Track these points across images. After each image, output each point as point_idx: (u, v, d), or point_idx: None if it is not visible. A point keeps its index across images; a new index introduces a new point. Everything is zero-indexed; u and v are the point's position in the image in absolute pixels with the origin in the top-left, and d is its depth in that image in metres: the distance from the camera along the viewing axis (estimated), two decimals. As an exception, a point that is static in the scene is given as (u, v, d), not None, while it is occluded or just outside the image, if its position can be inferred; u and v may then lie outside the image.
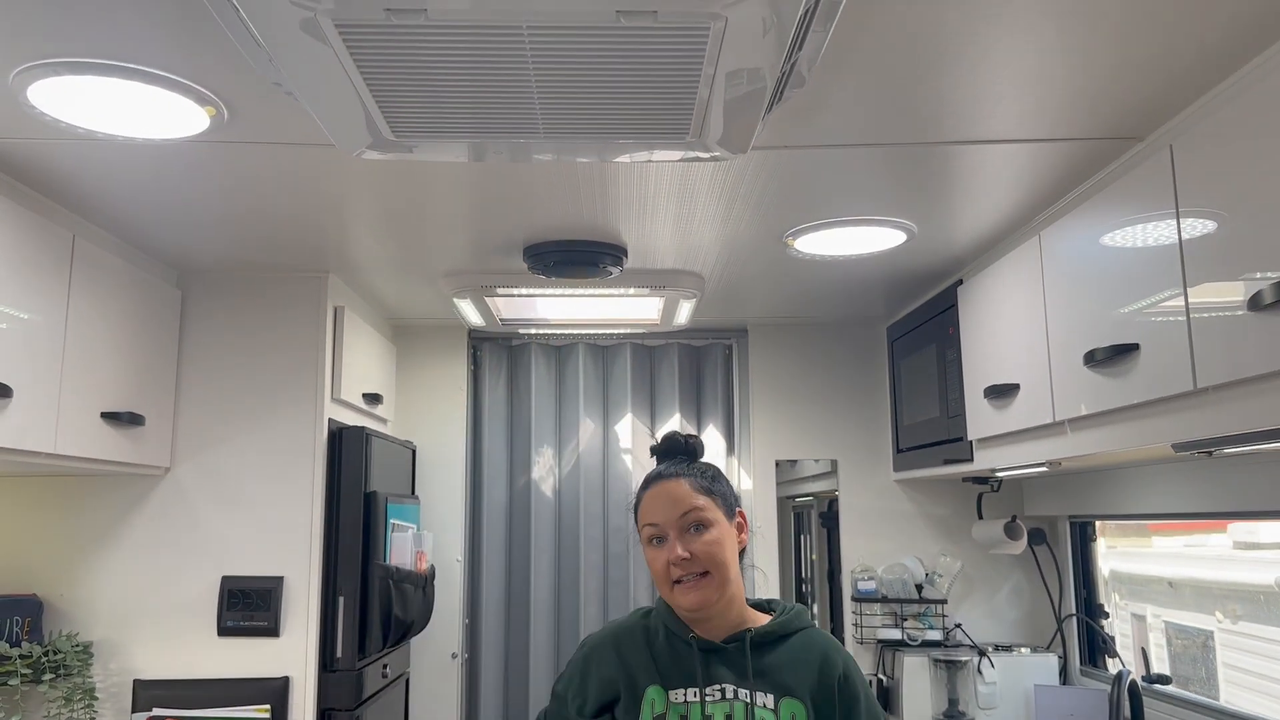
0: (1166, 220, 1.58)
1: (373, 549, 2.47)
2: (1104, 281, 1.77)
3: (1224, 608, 2.53)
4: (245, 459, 2.41)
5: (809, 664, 1.57)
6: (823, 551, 3.13)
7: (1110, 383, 1.75)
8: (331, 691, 2.37)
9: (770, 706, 1.55)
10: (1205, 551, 2.62)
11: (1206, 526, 2.62)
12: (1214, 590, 2.57)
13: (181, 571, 2.37)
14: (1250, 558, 2.49)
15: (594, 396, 3.29)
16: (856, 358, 3.21)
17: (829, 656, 1.58)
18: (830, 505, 3.17)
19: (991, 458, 2.35)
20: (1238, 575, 2.54)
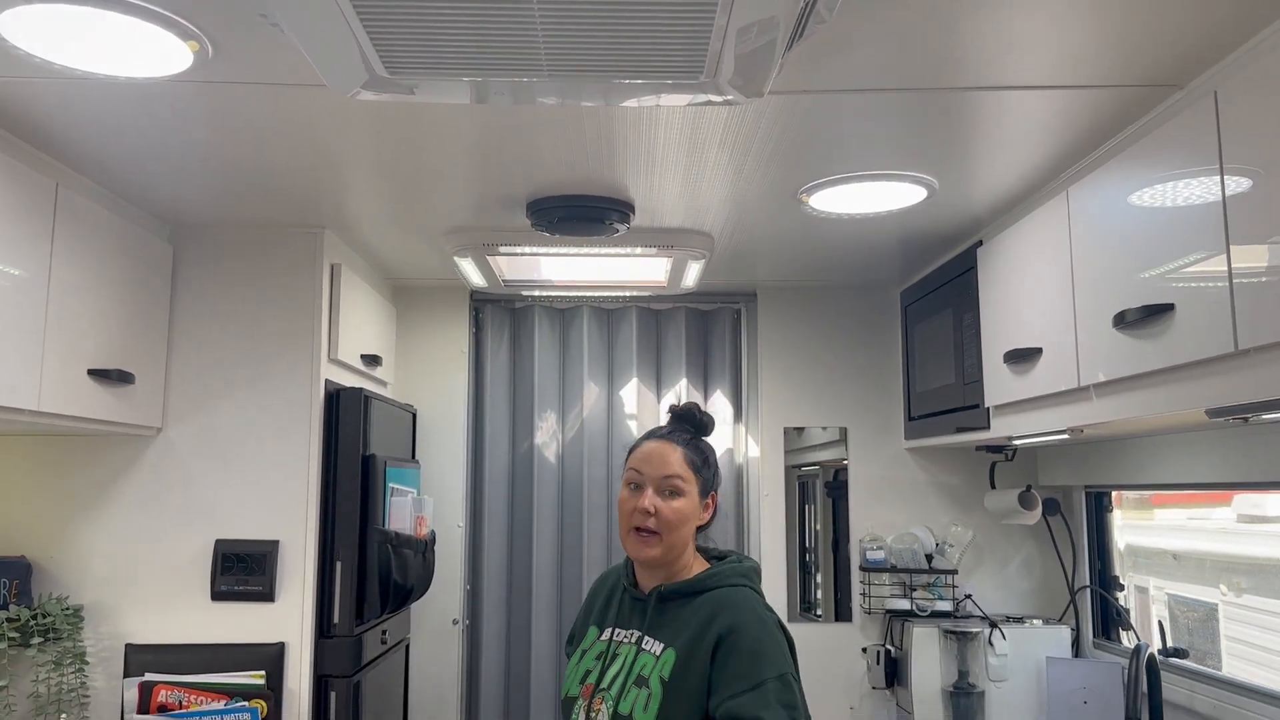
0: (1209, 174, 1.49)
1: (371, 513, 2.41)
2: (1137, 240, 1.69)
3: (1228, 581, 2.48)
4: (240, 420, 2.34)
5: (700, 619, 1.73)
6: (827, 522, 3.06)
7: (1141, 345, 1.67)
8: (328, 657, 2.31)
9: (655, 653, 1.74)
10: (1209, 524, 2.57)
11: (1210, 499, 2.58)
12: (1218, 563, 2.52)
13: (174, 535, 2.30)
14: (1256, 531, 2.44)
15: (599, 361, 3.21)
16: (869, 323, 3.13)
17: (718, 616, 1.73)
18: (836, 475, 3.10)
19: (1009, 425, 2.28)
20: (1243, 548, 2.49)
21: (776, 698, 1.68)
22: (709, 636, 1.73)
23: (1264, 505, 2.44)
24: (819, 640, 2.97)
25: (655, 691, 1.73)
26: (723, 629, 1.73)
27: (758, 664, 1.69)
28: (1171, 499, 2.75)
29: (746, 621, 1.74)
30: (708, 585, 1.83)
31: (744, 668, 1.69)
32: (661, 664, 1.75)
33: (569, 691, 1.90)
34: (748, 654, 1.70)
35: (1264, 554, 2.46)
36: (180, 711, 2.18)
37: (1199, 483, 2.27)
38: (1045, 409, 2.08)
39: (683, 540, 1.82)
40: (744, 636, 1.71)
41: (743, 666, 1.69)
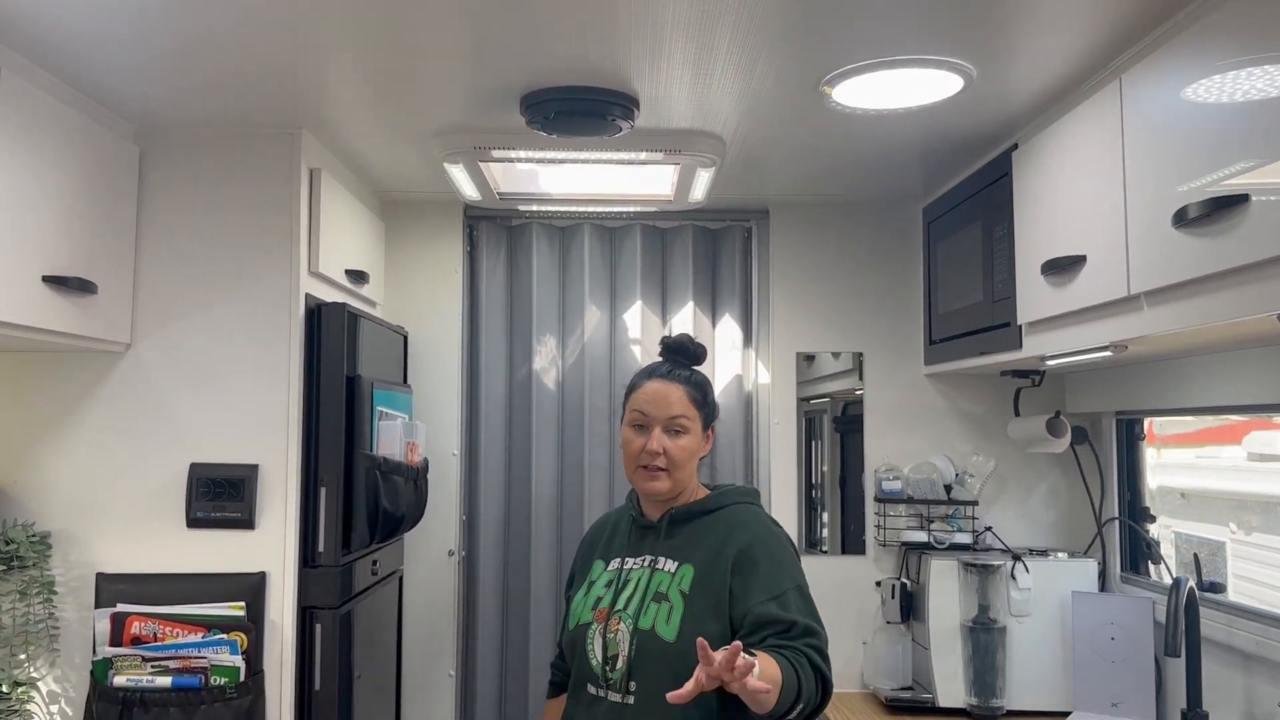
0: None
1: (357, 437, 2.26)
2: (1203, 130, 1.50)
3: (1238, 519, 2.35)
4: (214, 336, 2.18)
5: (716, 535, 1.81)
6: (835, 459, 2.91)
7: (1205, 245, 1.49)
8: (313, 588, 2.18)
9: (671, 571, 1.80)
10: (1219, 463, 2.44)
11: (1219, 438, 2.45)
12: (1228, 501, 2.39)
13: (146, 458, 2.16)
14: (1267, 469, 2.32)
15: (601, 282, 3.03)
16: (887, 242, 2.94)
17: (734, 531, 1.81)
18: (845, 409, 2.94)
19: (1042, 344, 2.11)
20: (1254, 486, 2.37)
21: (798, 605, 1.74)
22: (728, 550, 1.78)
23: (1275, 443, 2.33)
24: (831, 573, 2.84)
25: (676, 604, 1.77)
26: (741, 543, 1.79)
27: (777, 575, 1.75)
28: (1179, 438, 2.63)
29: (762, 536, 1.82)
30: (718, 504, 1.90)
31: (765, 579, 1.74)
32: (679, 578, 1.80)
33: (579, 620, 1.87)
34: (766, 566, 1.76)
35: (1275, 491, 2.35)
36: (155, 644, 2.05)
37: (1246, 404, 2.10)
38: (1086, 323, 1.91)
39: (689, 473, 1.89)
40: (761, 549, 1.78)
41: (763, 577, 1.74)
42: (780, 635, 1.69)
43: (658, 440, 1.83)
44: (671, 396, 1.86)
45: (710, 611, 1.73)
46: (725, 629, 1.73)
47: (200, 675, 2.04)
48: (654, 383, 1.88)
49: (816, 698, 1.67)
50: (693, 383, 1.90)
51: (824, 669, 1.69)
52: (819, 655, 1.69)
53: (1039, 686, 2.52)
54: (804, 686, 1.63)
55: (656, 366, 1.94)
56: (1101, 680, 2.44)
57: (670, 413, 1.84)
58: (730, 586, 1.74)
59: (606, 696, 1.79)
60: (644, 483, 1.86)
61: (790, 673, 1.61)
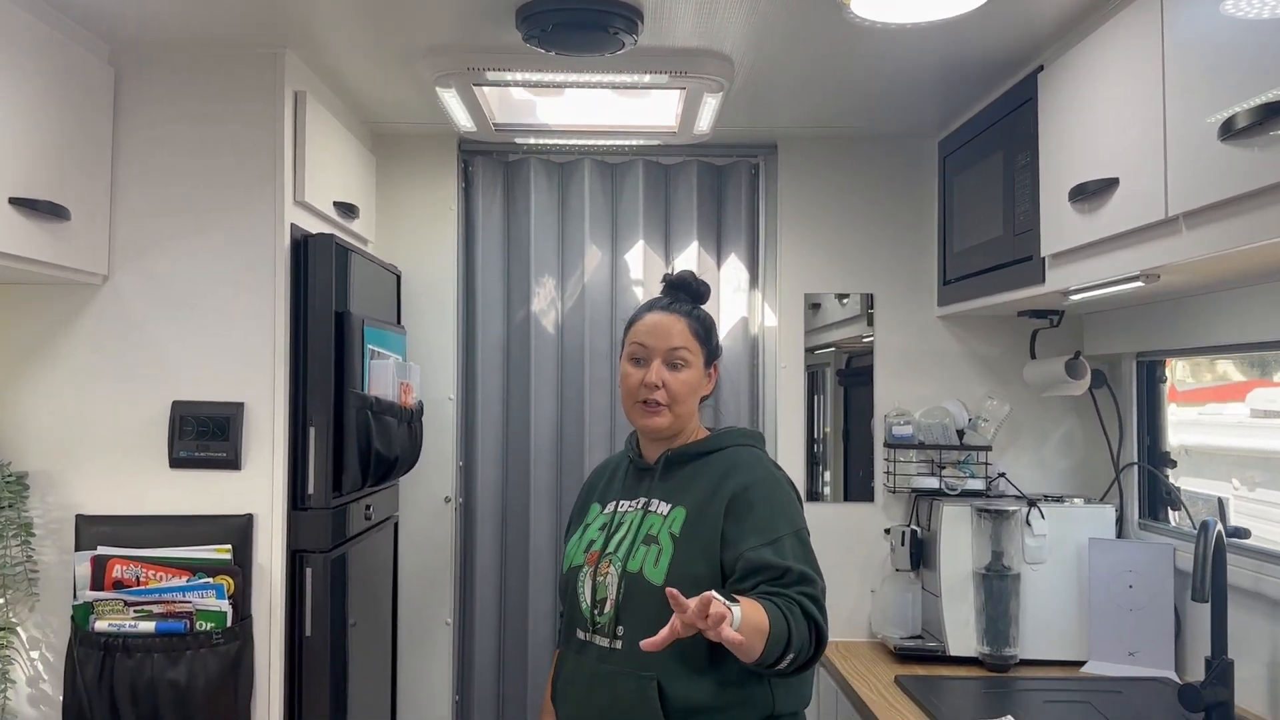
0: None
1: (348, 376, 2.16)
2: (1253, 35, 1.39)
3: (1241, 475, 2.28)
4: (196, 268, 2.07)
5: (711, 477, 1.74)
6: (838, 414, 2.81)
7: (1255, 157, 1.38)
8: (303, 531, 2.09)
9: (663, 513, 1.74)
10: (1222, 419, 2.37)
11: (1222, 397, 2.44)
12: (1231, 457, 2.36)
13: (126, 395, 2.06)
14: (1271, 425, 2.30)
15: (601, 221, 2.92)
16: (901, 179, 2.82)
17: (731, 474, 1.73)
18: (849, 362, 2.84)
19: (1067, 276, 2.00)
20: (1258, 442, 2.31)
21: (794, 554, 1.66)
22: (722, 493, 1.71)
23: (1279, 400, 2.30)
24: (838, 521, 2.76)
25: (665, 547, 1.70)
26: (737, 486, 1.71)
27: (774, 520, 1.68)
28: (1185, 396, 2.57)
29: (760, 479, 1.75)
30: (717, 446, 1.83)
31: (760, 522, 1.68)
32: (670, 521, 1.74)
33: (572, 563, 1.83)
34: (763, 510, 1.69)
35: (1278, 447, 2.31)
36: (138, 588, 1.97)
37: (1275, 340, 2.00)
38: (1116, 251, 1.81)
39: (689, 411, 1.82)
40: (759, 492, 1.71)
41: (759, 521, 1.68)
42: (772, 582, 1.63)
43: (657, 373, 1.77)
44: (672, 328, 1.80)
45: (700, 555, 1.68)
46: (715, 573, 1.67)
47: (185, 620, 1.96)
48: (654, 314, 1.83)
49: (810, 648, 1.62)
50: (694, 316, 1.85)
51: (818, 618, 1.63)
52: (813, 604, 1.63)
53: (1053, 635, 2.45)
54: (795, 636, 1.57)
55: (657, 300, 1.88)
56: (1118, 629, 2.37)
57: (670, 344, 1.78)
58: (722, 530, 1.68)
59: (595, 640, 1.75)
60: (642, 419, 1.81)
61: (780, 621, 1.56)
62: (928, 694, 2.18)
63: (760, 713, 1.71)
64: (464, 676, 2.87)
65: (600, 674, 1.73)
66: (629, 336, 1.84)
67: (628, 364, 1.83)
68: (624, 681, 1.70)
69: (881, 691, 2.26)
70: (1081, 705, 2.10)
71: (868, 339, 2.83)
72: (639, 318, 1.84)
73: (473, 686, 2.85)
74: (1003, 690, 2.26)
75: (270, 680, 2.03)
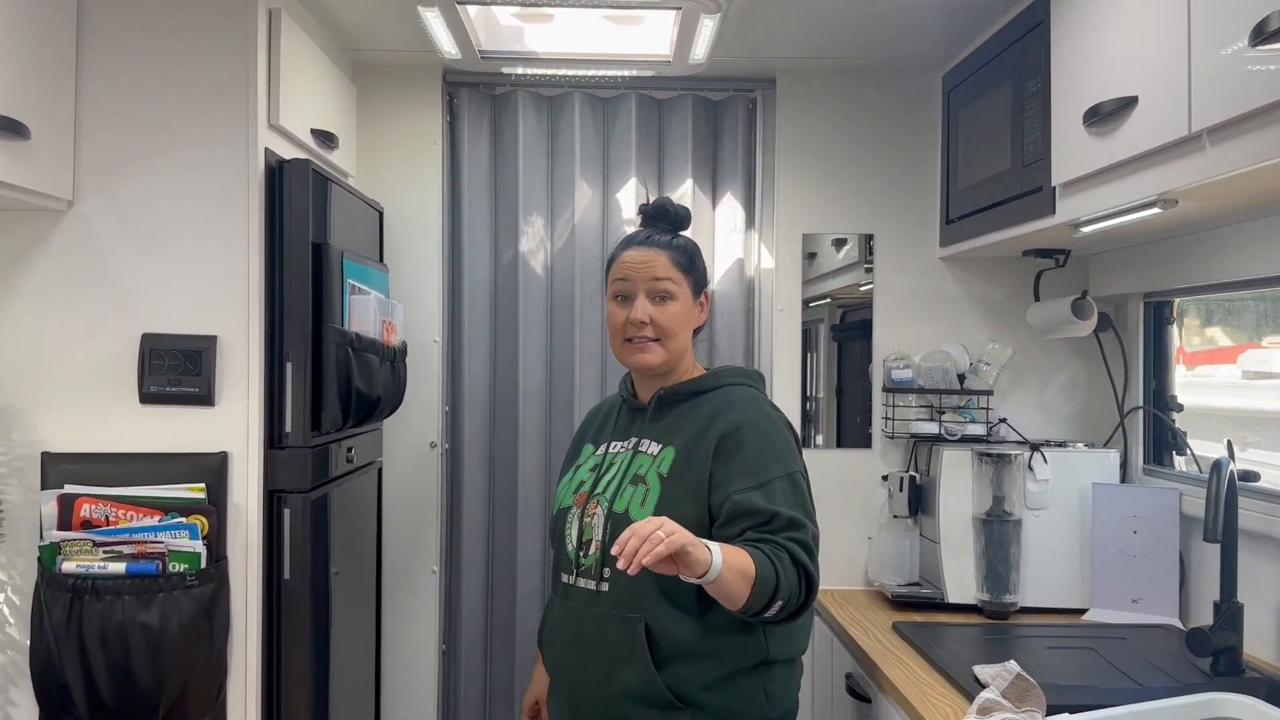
0: None
1: (326, 310, 2.07)
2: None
3: (1233, 435, 2.23)
4: (165, 193, 1.96)
5: (702, 417, 1.69)
6: (831, 373, 2.73)
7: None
8: (280, 471, 2.01)
9: (652, 453, 1.70)
10: (1214, 380, 2.37)
11: (1214, 360, 2.42)
12: (1224, 417, 2.34)
13: (93, 328, 1.96)
14: (1264, 385, 2.28)
15: (592, 157, 2.81)
16: (903, 115, 2.72)
17: (722, 413, 1.68)
18: (843, 317, 2.76)
19: (1079, 205, 1.92)
20: (1250, 402, 2.32)
21: (784, 496, 1.59)
22: (712, 433, 1.66)
23: (1271, 361, 2.27)
24: (835, 467, 2.69)
25: (653, 487, 1.65)
26: (727, 426, 1.66)
27: (764, 462, 1.63)
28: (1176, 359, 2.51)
29: (753, 419, 1.69)
30: (710, 385, 1.77)
31: (750, 464, 1.62)
32: (659, 461, 1.69)
33: (561, 505, 1.77)
34: (753, 451, 1.63)
35: (1273, 407, 2.28)
36: (108, 528, 1.89)
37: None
38: (1133, 175, 1.72)
39: (682, 344, 1.76)
40: (749, 433, 1.65)
41: (748, 463, 1.62)
42: (760, 528, 1.57)
43: (642, 308, 1.72)
44: (653, 260, 1.74)
45: (688, 497, 1.62)
46: (704, 516, 1.62)
47: (157, 561, 1.87)
48: (633, 250, 1.77)
49: (800, 595, 1.56)
50: (676, 245, 1.78)
51: (808, 565, 1.57)
52: (803, 550, 1.57)
53: (1054, 582, 2.39)
54: (783, 583, 1.52)
55: (635, 234, 1.82)
56: (1121, 575, 2.31)
57: (654, 275, 1.72)
58: (711, 471, 1.64)
59: (580, 584, 1.70)
60: (632, 357, 1.75)
61: (767, 568, 1.50)
62: (927, 640, 2.12)
63: (753, 659, 1.67)
64: (451, 625, 2.80)
65: (587, 617, 1.68)
66: (610, 275, 1.80)
67: (612, 304, 1.78)
68: (611, 624, 1.64)
69: (879, 638, 2.20)
70: (1085, 652, 2.04)
71: (865, 287, 2.74)
72: (618, 255, 1.79)
73: (460, 635, 2.79)
74: (1003, 637, 2.20)
75: (248, 624, 1.96)
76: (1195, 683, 1.81)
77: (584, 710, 1.70)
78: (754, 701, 1.66)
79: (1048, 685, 1.68)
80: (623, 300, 1.75)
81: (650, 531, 1.38)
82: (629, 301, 1.74)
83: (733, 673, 1.64)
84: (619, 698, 1.63)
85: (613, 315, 1.77)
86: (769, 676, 1.68)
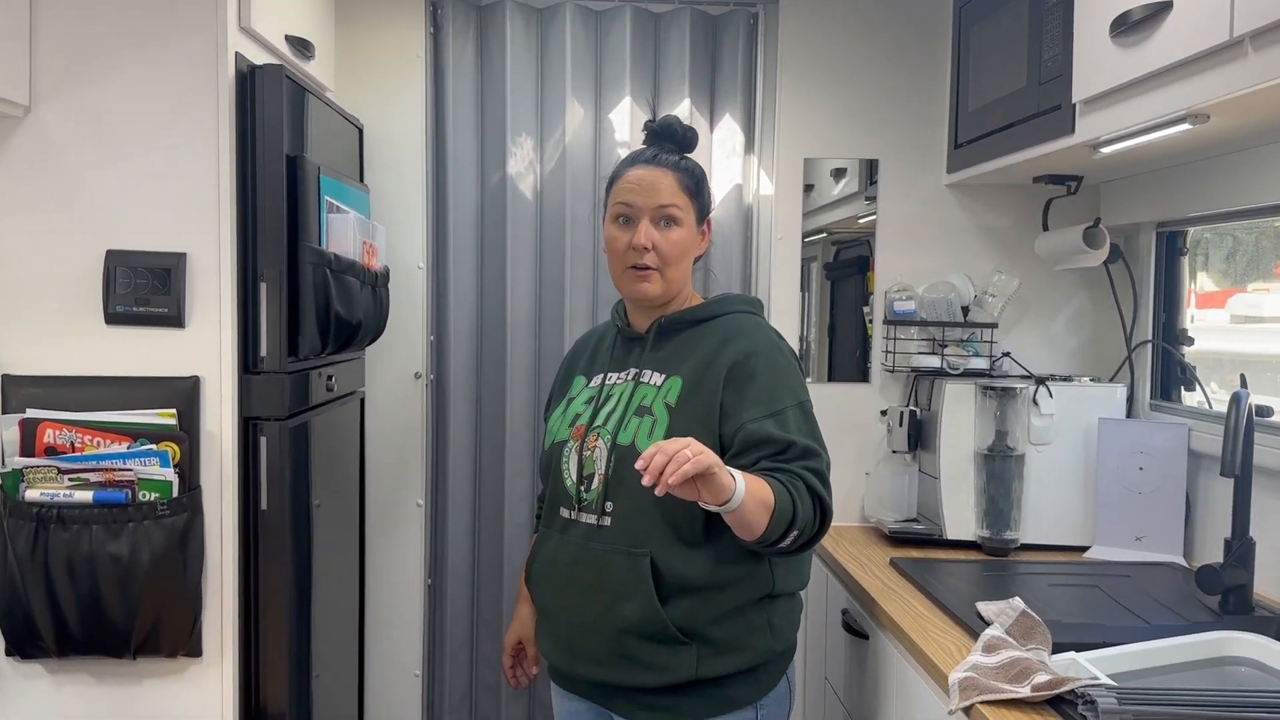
0: None
1: (303, 228, 1.95)
2: None
3: (1220, 379, 2.17)
4: (129, 99, 1.83)
5: (709, 345, 1.62)
6: (824, 313, 2.63)
7: (1352, -48, 1.19)
8: (256, 397, 1.91)
9: (656, 384, 1.63)
10: (1202, 325, 2.33)
11: (1202, 305, 2.39)
12: (1211, 359, 2.31)
13: (54, 244, 1.85)
14: (1252, 329, 2.27)
15: (584, 75, 2.67)
16: (911, 32, 2.59)
17: (730, 341, 1.61)
18: (837, 254, 2.66)
19: (1101, 122, 1.81)
20: (1239, 346, 2.30)
21: (797, 425, 1.54)
22: (721, 361, 1.60)
23: (1260, 305, 2.25)
24: (831, 401, 2.59)
25: (660, 418, 1.58)
26: (737, 354, 1.60)
27: (776, 390, 1.59)
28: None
29: (763, 347, 1.64)
30: (713, 313, 1.71)
31: (762, 393, 1.57)
32: (665, 391, 1.63)
33: (555, 438, 1.68)
34: (765, 379, 1.59)
35: (1264, 350, 2.27)
36: (73, 454, 1.80)
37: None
38: (1163, 88, 1.61)
39: (683, 274, 1.70)
40: (760, 361, 1.60)
41: (761, 392, 1.58)
42: (774, 457, 1.52)
43: (645, 234, 1.64)
44: (660, 183, 1.65)
45: (698, 427, 1.55)
46: (715, 447, 1.55)
47: (126, 490, 1.79)
48: (639, 169, 1.68)
49: (815, 525, 1.52)
50: (683, 168, 1.70)
51: (823, 495, 1.53)
52: (818, 480, 1.53)
53: (1057, 519, 2.33)
54: (799, 514, 1.47)
55: (640, 152, 1.74)
56: (1125, 513, 2.25)
57: (658, 201, 1.64)
58: (721, 400, 1.58)
59: (581, 519, 1.63)
60: (632, 286, 1.67)
61: (785, 498, 1.46)
62: (925, 576, 2.06)
63: (759, 591, 1.62)
64: (437, 560, 2.74)
65: (588, 552, 1.61)
66: (612, 196, 1.71)
67: (613, 225, 1.69)
68: (614, 560, 1.58)
69: (877, 574, 2.14)
70: (1089, 589, 1.99)
71: (864, 219, 2.63)
72: (621, 174, 1.70)
73: (446, 570, 2.72)
74: (1004, 573, 2.15)
75: (223, 556, 1.88)
76: (1203, 621, 1.76)
77: (582, 647, 1.64)
78: (759, 634, 1.62)
79: (1053, 623, 1.63)
80: (625, 223, 1.67)
81: (677, 450, 1.32)
82: (631, 225, 1.66)
83: (738, 606, 1.60)
84: (620, 633, 1.58)
85: (613, 238, 1.68)
86: (773, 609, 1.65)
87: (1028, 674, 1.44)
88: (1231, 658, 1.61)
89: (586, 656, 1.64)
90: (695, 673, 1.57)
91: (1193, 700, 1.32)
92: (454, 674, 2.74)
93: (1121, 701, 1.29)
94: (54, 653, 1.80)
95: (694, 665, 1.57)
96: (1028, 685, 1.41)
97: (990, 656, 1.53)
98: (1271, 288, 2.28)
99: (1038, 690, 1.39)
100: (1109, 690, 1.33)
